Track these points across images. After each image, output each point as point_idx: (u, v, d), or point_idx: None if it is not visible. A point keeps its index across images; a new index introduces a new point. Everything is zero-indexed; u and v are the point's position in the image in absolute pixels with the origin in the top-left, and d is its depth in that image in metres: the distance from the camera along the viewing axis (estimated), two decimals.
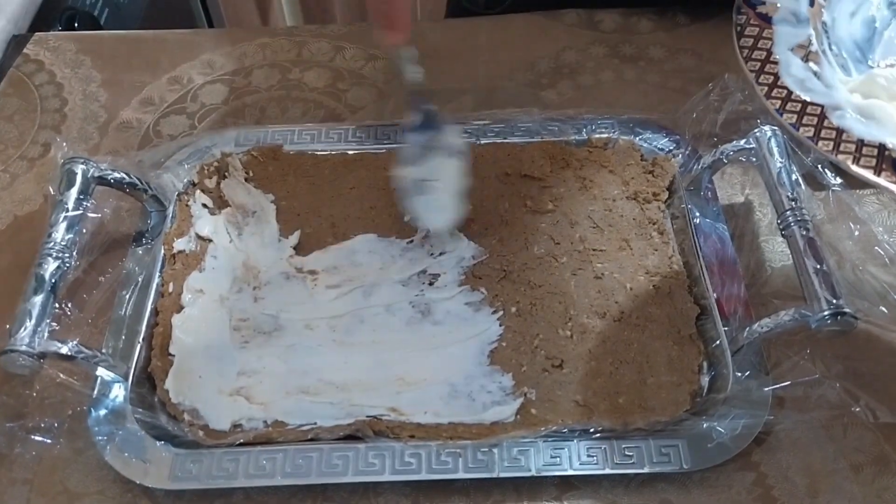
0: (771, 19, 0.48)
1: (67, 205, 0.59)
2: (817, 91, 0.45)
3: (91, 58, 0.81)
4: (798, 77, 0.45)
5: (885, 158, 0.42)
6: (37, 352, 0.52)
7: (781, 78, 0.45)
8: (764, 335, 0.53)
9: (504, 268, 0.62)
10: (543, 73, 0.77)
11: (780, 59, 0.46)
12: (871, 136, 0.42)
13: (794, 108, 0.44)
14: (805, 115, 0.44)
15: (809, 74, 0.45)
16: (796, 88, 0.45)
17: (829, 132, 0.43)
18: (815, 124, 0.43)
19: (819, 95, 0.44)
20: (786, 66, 0.46)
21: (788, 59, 0.46)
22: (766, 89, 0.45)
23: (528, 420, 0.54)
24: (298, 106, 0.76)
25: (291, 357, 0.58)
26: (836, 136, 0.43)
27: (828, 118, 0.43)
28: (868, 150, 0.42)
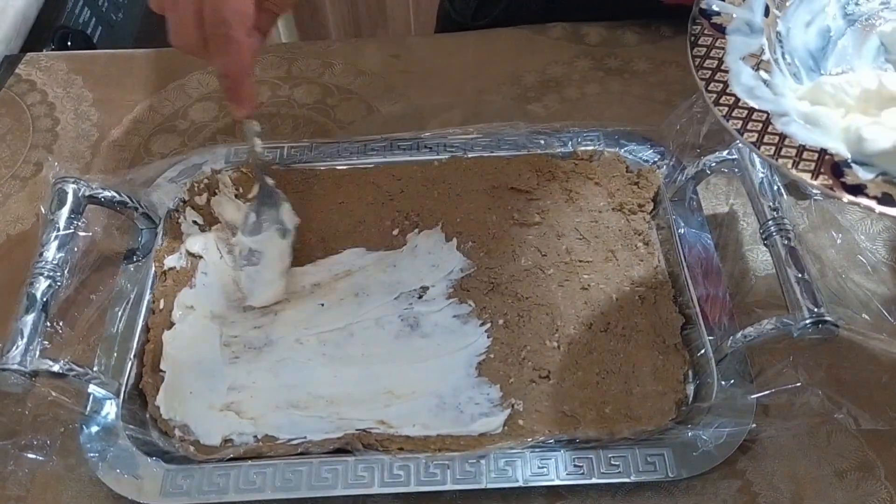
0: (725, 29, 0.49)
1: (59, 224, 0.59)
2: (765, 98, 0.46)
3: (83, 77, 0.82)
4: (747, 85, 0.46)
5: (825, 162, 0.43)
6: (29, 370, 0.52)
7: (730, 86, 0.46)
8: (747, 344, 0.54)
9: (492, 280, 0.63)
10: (530, 87, 0.78)
11: (730, 69, 0.47)
12: (813, 142, 0.44)
13: (740, 114, 0.45)
14: (750, 122, 0.45)
15: (759, 83, 0.46)
16: (744, 96, 0.46)
17: (772, 137, 0.44)
18: (759, 130, 0.44)
19: (766, 102, 0.46)
20: (736, 74, 0.47)
21: (739, 68, 0.47)
22: (715, 96, 0.46)
23: (515, 431, 0.55)
24: (288, 122, 0.77)
25: (281, 371, 0.59)
26: (779, 142, 0.44)
27: (772, 124, 0.44)
28: (809, 154, 0.43)
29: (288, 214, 0.65)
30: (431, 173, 0.70)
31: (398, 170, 0.70)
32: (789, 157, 0.43)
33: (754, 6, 0.50)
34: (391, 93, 0.79)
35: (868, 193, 0.41)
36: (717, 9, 0.50)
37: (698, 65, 0.47)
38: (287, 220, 0.65)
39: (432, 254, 0.65)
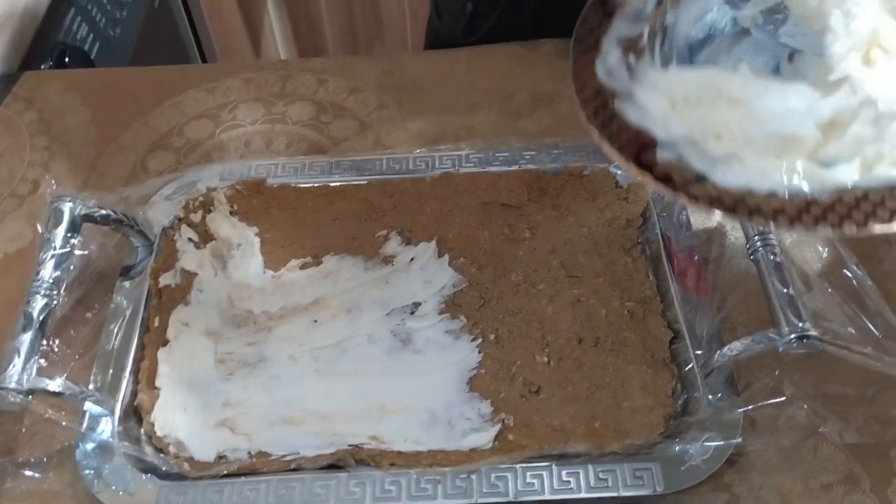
0: (613, 14, 0.52)
1: (55, 243, 0.60)
2: (619, 79, 0.49)
3: (80, 95, 0.83)
4: (609, 65, 0.49)
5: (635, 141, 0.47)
6: (25, 389, 0.53)
7: (595, 64, 0.49)
8: (733, 358, 0.55)
9: (483, 295, 0.64)
10: (522, 103, 0.79)
11: (602, 49, 0.50)
12: (636, 122, 0.47)
13: (592, 90, 0.49)
14: (598, 96, 0.49)
15: (621, 66, 0.49)
16: (601, 74, 0.49)
17: (606, 113, 0.48)
18: (597, 104, 0.48)
19: (619, 83, 0.49)
20: (604, 55, 0.50)
21: (610, 49, 0.50)
22: (579, 68, 0.50)
23: (505, 446, 0.55)
24: (282, 139, 0.78)
25: (275, 388, 0.59)
26: (609, 117, 0.48)
27: (612, 101, 0.48)
28: (627, 132, 0.47)
29: None
30: (424, 189, 0.71)
31: (391, 186, 0.71)
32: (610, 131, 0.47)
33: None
34: (384, 109, 0.80)
35: (654, 172, 0.46)
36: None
37: (577, 40, 0.52)
38: None
39: (424, 269, 0.65)
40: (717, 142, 0.45)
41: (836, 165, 0.46)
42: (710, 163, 0.45)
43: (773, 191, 0.44)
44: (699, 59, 0.52)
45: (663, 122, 0.47)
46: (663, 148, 0.46)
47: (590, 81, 0.49)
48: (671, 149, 0.46)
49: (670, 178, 0.45)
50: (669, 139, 0.46)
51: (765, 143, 0.46)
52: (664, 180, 0.45)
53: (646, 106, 0.48)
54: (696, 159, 0.46)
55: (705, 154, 0.45)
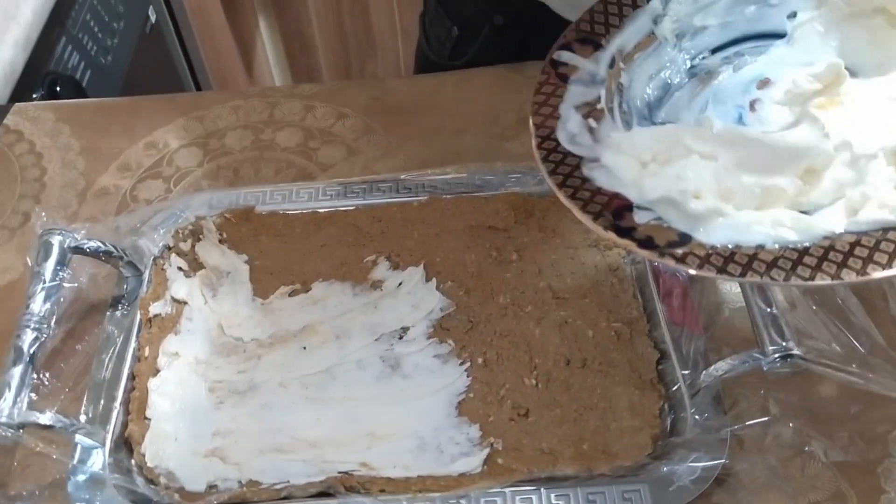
0: (568, 79, 0.51)
1: (45, 276, 0.61)
2: (583, 145, 0.49)
3: (70, 126, 0.84)
4: (570, 132, 0.49)
5: (611, 206, 0.46)
6: (16, 422, 0.53)
7: (556, 131, 0.49)
8: (719, 378, 0.55)
9: (471, 319, 0.64)
10: (507, 126, 0.80)
11: (560, 115, 0.50)
12: (610, 186, 0.47)
13: (556, 158, 0.48)
14: (562, 165, 0.48)
15: (583, 130, 0.49)
16: (564, 141, 0.49)
17: (575, 181, 0.47)
18: (566, 173, 0.48)
19: (582, 149, 0.49)
20: (564, 121, 0.50)
21: (569, 114, 0.50)
22: (540, 140, 0.49)
23: (494, 470, 0.56)
24: (271, 165, 0.79)
25: (265, 416, 0.60)
26: (580, 185, 0.47)
27: (580, 168, 0.48)
28: (600, 198, 0.46)
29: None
30: (411, 214, 0.71)
31: (378, 211, 0.71)
32: (583, 200, 0.47)
33: (601, 59, 0.53)
34: (372, 134, 0.81)
35: (634, 236, 0.45)
36: (565, 60, 0.52)
37: (535, 111, 0.51)
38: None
39: (412, 294, 0.66)
40: (697, 200, 0.45)
41: (819, 212, 0.45)
42: (691, 221, 0.45)
43: (761, 244, 0.44)
44: (659, 116, 0.53)
45: (636, 185, 0.46)
46: (640, 210, 0.46)
47: (553, 149, 0.49)
48: (648, 210, 0.46)
49: (652, 240, 0.44)
50: (645, 202, 0.46)
51: (745, 195, 0.46)
52: (646, 244, 0.44)
53: (615, 168, 0.47)
54: (676, 219, 0.45)
55: (685, 213, 0.45)
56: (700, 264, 0.43)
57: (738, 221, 0.45)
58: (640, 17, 0.54)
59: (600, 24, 0.53)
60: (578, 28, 0.53)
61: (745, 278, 0.43)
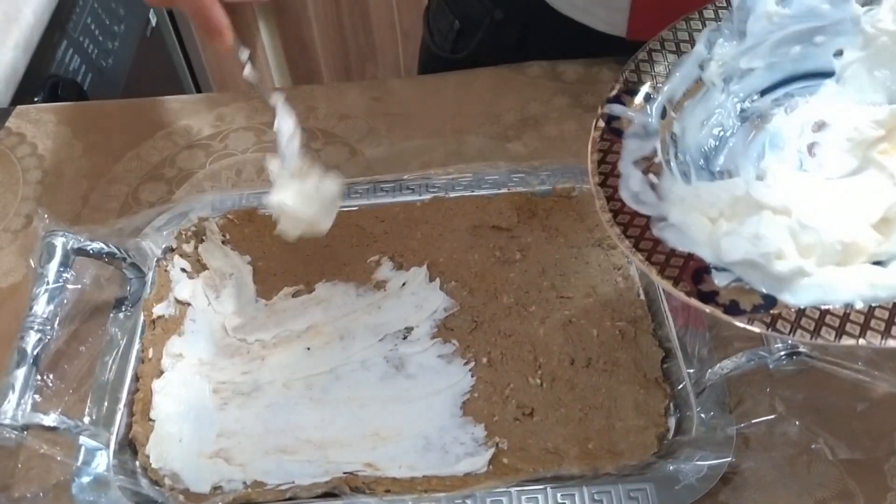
0: (622, 133, 0.51)
1: (48, 278, 0.61)
2: (648, 203, 0.48)
3: (72, 128, 0.84)
4: (633, 190, 0.48)
5: (688, 269, 0.45)
6: (20, 424, 0.53)
7: (619, 191, 0.48)
8: (725, 376, 0.55)
9: (475, 319, 0.64)
10: (509, 126, 0.80)
11: (621, 173, 0.49)
12: (683, 247, 0.46)
13: (623, 219, 0.47)
14: (631, 227, 0.47)
15: (646, 187, 0.48)
16: (629, 201, 0.48)
17: (647, 242, 0.46)
18: (637, 235, 0.46)
19: (648, 207, 0.48)
20: (625, 179, 0.49)
21: (629, 172, 0.49)
22: (606, 200, 0.48)
23: (500, 469, 0.56)
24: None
25: (269, 417, 0.60)
26: (653, 246, 0.46)
27: (650, 229, 0.47)
28: (676, 260, 0.45)
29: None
30: (414, 214, 0.71)
31: (381, 211, 0.71)
32: (658, 263, 0.45)
33: (652, 109, 0.52)
34: (374, 135, 0.81)
35: (718, 301, 0.43)
36: (617, 113, 0.52)
37: (594, 169, 0.50)
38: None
39: (416, 294, 0.66)
40: (780, 261, 0.43)
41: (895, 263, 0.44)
42: (775, 282, 0.43)
43: (849, 303, 0.42)
44: (716, 165, 0.52)
45: (710, 245, 0.45)
46: (718, 272, 0.44)
47: (619, 209, 0.48)
48: (727, 273, 0.44)
49: (737, 304, 0.43)
50: (723, 263, 0.45)
51: (825, 252, 0.44)
52: (732, 309, 0.43)
53: (685, 227, 0.46)
54: (758, 281, 0.43)
55: (769, 275, 0.43)
56: (791, 328, 0.42)
57: (823, 280, 0.43)
58: (686, 63, 0.53)
59: (647, 73, 0.53)
60: (626, 79, 0.53)
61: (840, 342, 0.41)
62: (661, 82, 0.52)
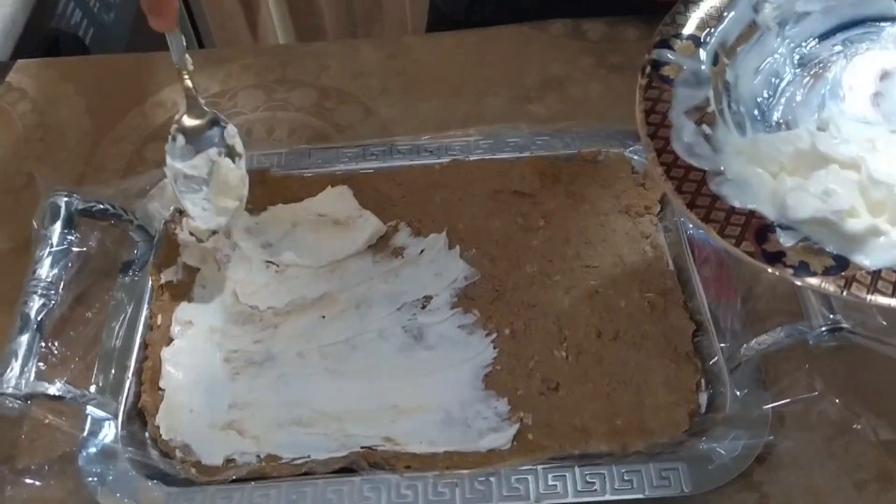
0: (672, 81, 0.48)
1: (52, 240, 0.58)
2: (703, 156, 0.45)
3: (74, 84, 0.80)
4: (687, 142, 0.45)
5: (751, 227, 0.42)
6: (24, 394, 0.51)
7: (671, 142, 0.45)
8: (761, 352, 0.52)
9: (497, 288, 0.61)
10: (531, 87, 0.76)
11: (673, 124, 0.46)
12: (743, 203, 0.43)
13: (678, 173, 0.44)
14: (686, 182, 0.44)
15: (700, 139, 0.46)
16: (683, 154, 0.45)
17: (704, 199, 0.43)
18: (693, 190, 0.44)
19: (704, 160, 0.45)
20: (678, 130, 0.46)
21: (682, 123, 0.46)
22: (658, 153, 0.45)
23: (525, 446, 0.53)
24: (284, 126, 0.76)
25: (283, 387, 0.57)
26: (711, 203, 0.43)
27: (707, 184, 0.44)
28: (737, 217, 0.42)
29: (234, 138, 0.61)
30: (433, 177, 0.68)
31: (399, 174, 0.68)
32: (718, 221, 0.42)
33: (704, 56, 0.49)
34: (389, 95, 0.77)
35: (786, 262, 0.41)
36: (666, 59, 0.49)
37: (643, 120, 0.47)
38: (234, 142, 0.61)
39: (435, 262, 0.63)
40: (853, 219, 0.41)
41: None
42: (847, 242, 0.41)
43: None
44: (773, 117, 0.49)
45: (774, 202, 0.43)
46: (783, 230, 0.42)
47: (672, 163, 0.45)
48: (793, 231, 0.42)
49: (807, 266, 0.40)
50: (788, 221, 0.42)
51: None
52: (802, 271, 0.40)
53: (744, 183, 0.44)
54: (828, 240, 0.41)
55: (841, 234, 0.41)
56: (868, 291, 0.39)
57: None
58: (738, 3, 0.50)
59: (696, 15, 0.50)
60: (674, 21, 0.49)
61: None
62: (712, 25, 0.49)
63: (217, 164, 0.60)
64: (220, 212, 0.60)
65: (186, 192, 0.60)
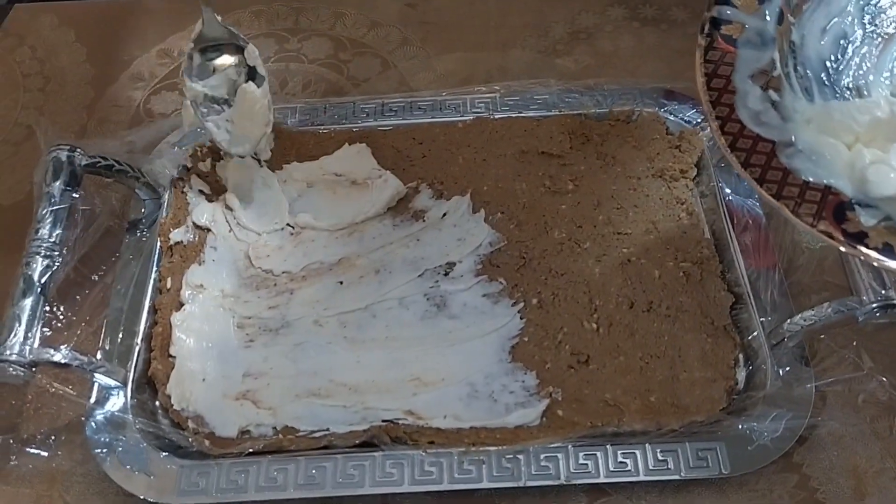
0: (735, 41, 0.44)
1: (54, 197, 0.55)
2: (771, 125, 0.42)
3: (75, 30, 0.76)
4: (753, 110, 0.42)
5: (828, 204, 0.39)
6: (28, 361, 0.48)
7: (737, 110, 0.42)
8: (807, 328, 0.50)
9: (523, 255, 0.58)
10: (558, 39, 0.72)
11: (738, 89, 0.43)
12: (817, 177, 0.40)
13: (745, 144, 0.41)
14: (755, 154, 0.41)
15: (767, 105, 0.43)
16: (750, 123, 0.42)
17: (775, 173, 0.40)
18: (762, 164, 0.41)
19: (772, 130, 0.42)
20: (742, 96, 0.43)
21: (746, 88, 0.43)
22: (721, 122, 0.42)
23: (554, 423, 0.51)
24: (298, 79, 0.72)
25: (300, 356, 0.55)
26: (782, 178, 0.40)
27: (777, 156, 0.41)
28: (812, 193, 0.40)
29: (255, 59, 0.57)
30: (455, 136, 0.65)
31: (419, 132, 0.65)
32: (791, 198, 0.40)
33: (768, 13, 0.45)
34: (408, 46, 0.73)
35: (868, 244, 0.38)
36: (727, 17, 0.45)
37: (704, 84, 0.43)
38: (255, 63, 0.57)
39: (458, 226, 0.60)
40: None
41: None
42: None
43: None
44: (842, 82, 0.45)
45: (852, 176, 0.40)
46: (862, 208, 0.39)
47: (738, 133, 0.42)
48: (874, 209, 0.39)
49: (892, 248, 0.38)
50: (868, 198, 0.39)
51: None
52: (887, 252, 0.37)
53: (818, 155, 0.41)
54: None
55: None
56: None
57: None
58: None
59: None
60: None
61: None
62: None
63: (242, 88, 0.57)
64: (244, 139, 0.57)
65: (208, 113, 0.57)
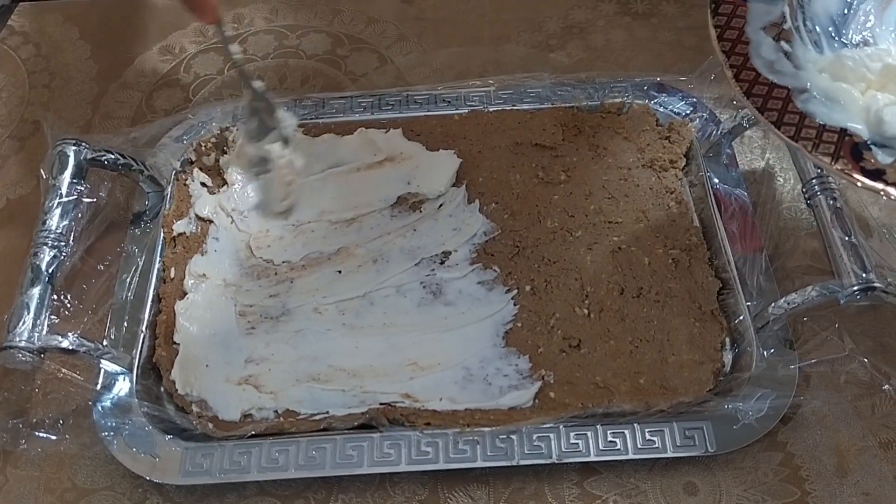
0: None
1: (61, 189, 0.57)
2: (785, 73, 0.44)
3: (79, 28, 0.78)
4: (767, 59, 0.44)
5: (845, 144, 0.41)
6: (36, 347, 0.50)
7: (751, 59, 0.44)
8: (790, 311, 0.51)
9: (517, 244, 0.60)
10: (552, 34, 0.74)
11: (751, 40, 0.45)
12: (833, 122, 0.42)
13: (760, 91, 0.43)
14: (770, 99, 0.43)
15: (780, 55, 0.45)
16: (764, 71, 0.44)
17: (792, 117, 0.43)
18: (779, 108, 0.43)
19: (786, 78, 0.44)
20: (756, 46, 0.45)
21: (759, 39, 0.45)
22: (736, 70, 0.44)
23: (547, 404, 0.53)
24: (296, 74, 0.73)
25: (300, 342, 0.56)
26: (799, 121, 0.42)
27: (793, 102, 0.43)
28: (828, 135, 0.42)
29: (288, 119, 0.57)
30: (451, 129, 0.66)
31: (416, 125, 0.67)
32: (809, 139, 0.42)
33: None
34: (404, 42, 0.75)
35: (887, 179, 0.40)
36: None
37: (719, 35, 0.45)
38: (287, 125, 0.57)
39: (454, 217, 0.62)
40: None
41: None
42: None
43: None
44: (849, 35, 0.47)
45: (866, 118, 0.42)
46: (878, 148, 0.41)
47: (754, 80, 0.44)
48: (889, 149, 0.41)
49: None
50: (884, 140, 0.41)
51: None
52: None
53: (832, 100, 0.43)
54: None
55: None
56: None
57: None
58: None
59: None
60: None
61: None
62: None
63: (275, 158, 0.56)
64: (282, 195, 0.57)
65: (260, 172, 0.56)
